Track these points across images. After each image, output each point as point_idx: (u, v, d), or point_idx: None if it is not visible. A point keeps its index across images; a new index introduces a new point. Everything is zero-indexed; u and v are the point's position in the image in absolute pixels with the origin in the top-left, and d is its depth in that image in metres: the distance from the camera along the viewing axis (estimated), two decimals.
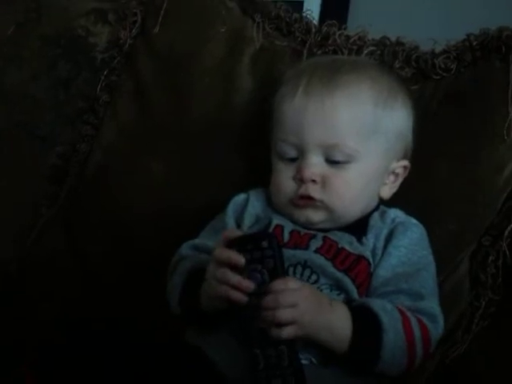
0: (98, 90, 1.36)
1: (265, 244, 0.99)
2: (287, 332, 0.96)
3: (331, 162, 1.10)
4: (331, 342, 1.01)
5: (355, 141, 1.10)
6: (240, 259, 0.99)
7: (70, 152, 1.36)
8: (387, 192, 1.16)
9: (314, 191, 1.10)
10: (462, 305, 1.22)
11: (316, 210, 1.11)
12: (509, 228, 1.20)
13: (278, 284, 0.97)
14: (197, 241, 1.16)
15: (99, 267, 1.32)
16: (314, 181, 1.10)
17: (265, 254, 0.99)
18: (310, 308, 0.98)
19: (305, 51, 1.29)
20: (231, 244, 1.01)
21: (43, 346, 1.12)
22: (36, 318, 1.30)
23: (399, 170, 1.16)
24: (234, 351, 1.03)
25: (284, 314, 0.96)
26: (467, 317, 1.22)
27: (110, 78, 1.36)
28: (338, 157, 1.10)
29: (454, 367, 1.20)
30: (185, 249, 1.15)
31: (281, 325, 0.96)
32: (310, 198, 1.10)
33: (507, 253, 1.20)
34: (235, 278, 0.98)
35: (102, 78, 1.36)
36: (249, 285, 0.98)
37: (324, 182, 1.10)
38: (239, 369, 1.01)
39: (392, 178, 1.16)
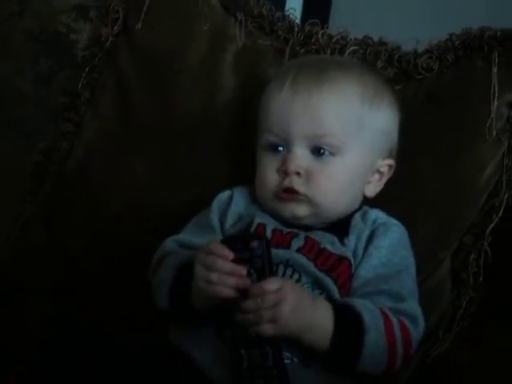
0: (79, 87, 1.34)
1: (254, 244, 0.99)
2: (266, 330, 0.96)
3: (317, 153, 1.10)
4: (312, 340, 1.01)
5: (341, 133, 1.10)
6: (228, 253, 0.99)
7: (51, 149, 1.35)
8: (372, 190, 1.17)
9: (298, 184, 1.10)
10: (443, 304, 1.23)
11: (300, 204, 1.11)
12: (490, 227, 1.21)
13: (258, 288, 0.97)
14: (181, 236, 1.16)
15: (80, 262, 1.31)
16: (298, 173, 1.10)
17: (253, 254, 0.99)
18: (290, 307, 0.98)
19: (287, 50, 1.29)
20: (222, 243, 1.01)
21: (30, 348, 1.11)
22: (21, 313, 1.30)
23: (384, 169, 1.16)
24: (218, 351, 1.02)
25: (264, 315, 0.96)
26: (448, 316, 1.22)
27: (92, 76, 1.35)
28: (323, 146, 1.10)
29: (435, 366, 1.20)
30: (169, 244, 1.14)
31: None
32: (293, 191, 1.10)
33: (488, 252, 1.21)
34: (227, 265, 0.99)
35: (83, 75, 1.35)
36: (241, 270, 0.98)
37: (308, 176, 1.10)
38: (223, 368, 1.01)
39: (377, 176, 1.17)
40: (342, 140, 1.10)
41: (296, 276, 1.07)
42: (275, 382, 0.98)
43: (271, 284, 0.98)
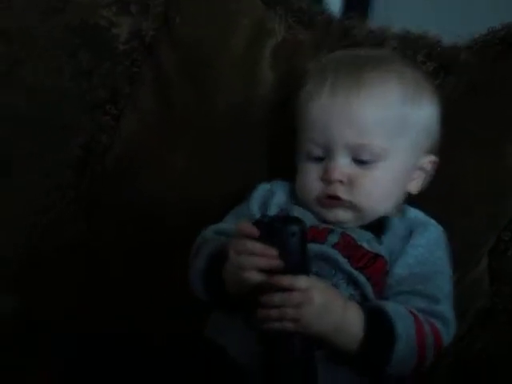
0: (120, 81, 1.36)
1: (290, 228, 0.97)
2: (288, 327, 0.96)
3: (359, 161, 1.10)
4: (339, 343, 1.01)
5: (383, 140, 1.09)
6: (255, 230, 0.98)
7: (91, 142, 1.36)
8: (415, 187, 1.16)
9: (342, 192, 1.10)
10: (481, 300, 1.22)
11: (344, 209, 1.11)
12: None
13: (287, 280, 0.97)
14: (220, 225, 1.16)
15: (120, 255, 1.32)
16: (341, 181, 1.10)
17: (288, 238, 0.97)
18: (314, 309, 0.97)
19: (326, 44, 1.29)
20: (257, 225, 1.00)
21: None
22: (53, 307, 1.30)
23: (427, 166, 1.16)
24: (251, 342, 1.02)
25: (287, 313, 0.96)
26: (486, 312, 1.21)
27: (132, 70, 1.36)
28: (366, 156, 1.09)
29: (471, 362, 1.20)
30: (208, 233, 1.14)
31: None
32: (337, 198, 1.10)
33: None
34: (256, 245, 0.98)
35: (124, 69, 1.36)
36: (272, 251, 0.97)
37: (351, 182, 1.09)
38: (253, 360, 1.00)
39: (419, 173, 1.16)
40: (382, 147, 1.09)
41: (331, 271, 1.07)
42: (304, 374, 0.98)
43: (302, 281, 0.97)
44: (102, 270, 1.32)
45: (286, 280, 0.96)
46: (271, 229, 0.98)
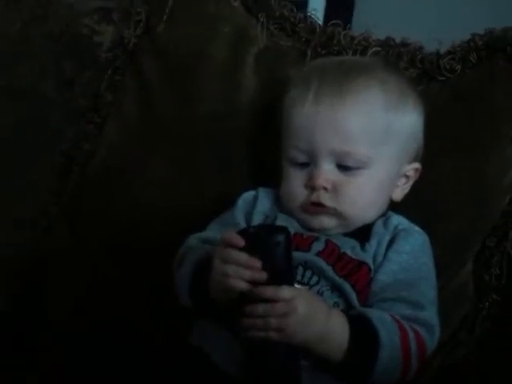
0: (102, 89, 1.35)
1: (275, 238, 0.97)
2: (272, 336, 0.96)
3: (343, 168, 1.10)
4: (324, 352, 1.00)
5: (367, 147, 1.09)
6: (240, 240, 0.98)
7: (74, 150, 1.36)
8: (399, 194, 1.16)
9: (326, 199, 1.09)
10: (465, 306, 1.22)
11: (328, 216, 1.11)
12: None
13: (270, 291, 0.96)
14: (204, 233, 1.15)
15: (103, 262, 1.32)
16: (325, 188, 1.09)
17: (272, 248, 0.97)
18: (298, 319, 0.97)
19: (309, 51, 1.28)
20: (243, 234, 0.99)
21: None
22: (45, 317, 1.30)
23: (411, 173, 1.16)
24: (236, 350, 1.01)
25: (271, 323, 0.96)
26: (471, 318, 1.22)
27: (114, 78, 1.36)
28: (350, 163, 1.09)
29: (456, 368, 1.20)
30: (192, 240, 1.14)
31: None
32: (321, 205, 1.10)
33: (511, 254, 1.20)
34: (242, 256, 0.97)
35: (106, 77, 1.36)
36: (256, 263, 0.96)
37: (336, 190, 1.09)
38: (241, 368, 1.00)
39: (404, 180, 1.16)
40: (368, 155, 1.09)
41: (315, 279, 1.07)
42: (288, 383, 0.98)
43: (285, 291, 0.97)
44: (93, 273, 1.31)
45: (269, 291, 0.96)
46: (256, 239, 0.98)
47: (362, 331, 1.01)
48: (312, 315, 0.98)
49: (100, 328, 1.23)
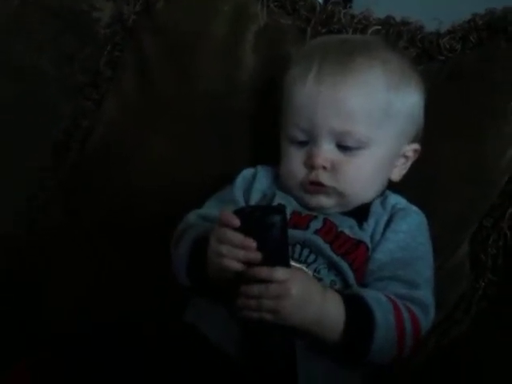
0: (101, 65, 1.35)
1: (271, 218, 0.97)
2: (266, 318, 0.96)
3: (343, 148, 1.10)
4: (319, 333, 1.01)
5: (368, 127, 1.09)
6: (235, 221, 0.98)
7: (72, 127, 1.36)
8: (397, 174, 1.16)
9: (325, 178, 1.10)
10: (462, 286, 1.22)
11: (327, 195, 1.11)
12: (510, 210, 1.20)
13: (265, 272, 0.96)
14: (203, 210, 1.15)
15: (99, 238, 1.32)
16: (324, 167, 1.09)
17: (268, 228, 0.97)
18: (292, 301, 0.97)
19: (309, 30, 1.28)
20: (239, 214, 0.99)
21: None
22: (39, 294, 1.30)
23: (410, 153, 1.16)
24: (232, 329, 1.02)
25: (266, 305, 0.96)
26: (467, 298, 1.22)
27: (113, 54, 1.35)
28: (350, 143, 1.09)
29: (452, 348, 1.20)
30: (191, 217, 1.14)
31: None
32: (320, 184, 1.10)
33: (508, 234, 1.20)
34: (236, 237, 0.98)
35: (105, 53, 1.35)
36: (251, 243, 0.97)
37: (335, 169, 1.09)
38: (237, 347, 1.01)
39: (402, 160, 1.16)
40: (368, 135, 1.09)
41: (312, 257, 1.07)
42: (282, 363, 0.98)
43: (279, 273, 0.97)
44: (85, 253, 1.31)
45: (263, 271, 0.96)
46: (251, 219, 0.98)
47: (358, 312, 1.01)
48: (307, 297, 0.98)
49: (96, 308, 1.23)
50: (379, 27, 1.26)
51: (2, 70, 1.35)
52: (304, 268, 1.06)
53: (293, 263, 1.04)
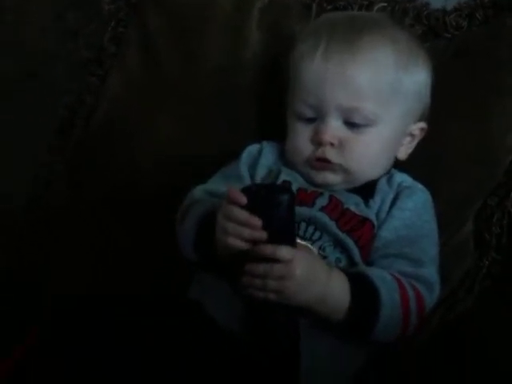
0: (105, 40, 1.35)
1: (278, 197, 0.96)
2: (270, 297, 0.96)
3: (350, 124, 1.09)
4: (324, 312, 1.01)
5: (375, 104, 1.09)
6: (242, 198, 0.97)
7: (77, 103, 1.36)
8: (403, 153, 1.16)
9: (332, 154, 1.09)
10: (466, 264, 1.22)
11: (334, 172, 1.11)
12: None
13: (270, 250, 0.96)
14: (208, 185, 1.15)
15: (104, 216, 1.32)
16: (332, 144, 1.09)
17: (275, 207, 0.96)
18: (296, 281, 0.97)
19: (314, 6, 1.28)
20: (246, 192, 0.99)
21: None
22: (45, 267, 1.30)
23: (416, 132, 1.16)
24: (236, 306, 1.02)
25: (270, 285, 0.96)
26: (471, 276, 1.22)
27: (118, 29, 1.35)
28: (358, 119, 1.09)
29: (455, 325, 1.21)
30: (197, 192, 1.14)
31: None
32: (327, 160, 1.10)
33: None
34: (242, 214, 0.97)
35: (109, 29, 1.35)
36: (256, 221, 0.96)
37: (342, 145, 1.09)
38: (238, 324, 1.01)
39: (409, 138, 1.16)
40: (376, 112, 1.09)
41: (318, 234, 1.07)
42: (285, 341, 0.99)
43: (284, 251, 0.96)
44: (90, 230, 1.31)
45: (268, 249, 0.96)
46: (257, 197, 0.98)
47: (363, 290, 1.01)
48: (311, 277, 0.98)
49: (102, 285, 1.24)
50: (385, 4, 1.26)
51: (7, 47, 1.35)
52: (309, 245, 1.06)
53: (298, 241, 1.03)
